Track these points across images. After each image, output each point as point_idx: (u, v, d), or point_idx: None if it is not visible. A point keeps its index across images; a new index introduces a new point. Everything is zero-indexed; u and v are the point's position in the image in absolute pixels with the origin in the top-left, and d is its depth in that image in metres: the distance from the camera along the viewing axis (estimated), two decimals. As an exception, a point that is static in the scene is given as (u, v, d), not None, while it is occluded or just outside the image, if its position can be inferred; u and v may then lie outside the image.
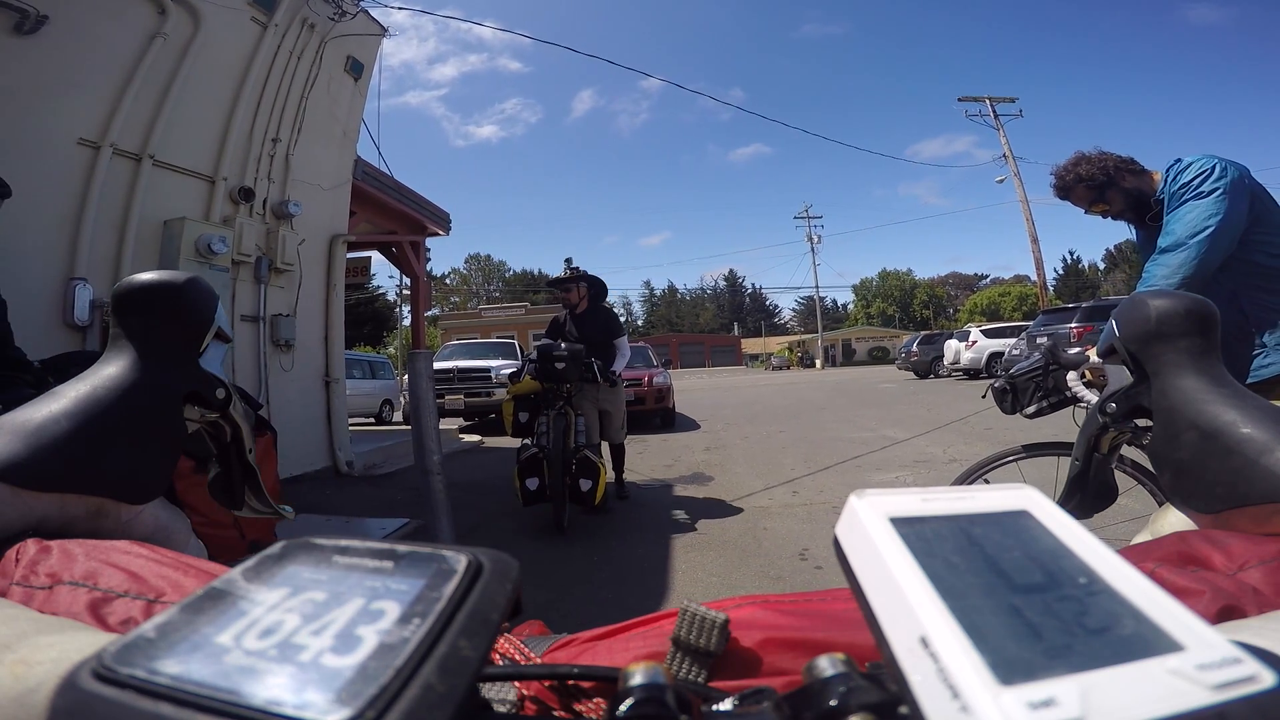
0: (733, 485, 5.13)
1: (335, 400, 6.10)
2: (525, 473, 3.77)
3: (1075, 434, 0.60)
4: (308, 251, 5.71)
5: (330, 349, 6.16)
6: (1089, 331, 11.39)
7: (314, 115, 5.78)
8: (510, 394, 4.22)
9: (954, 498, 0.24)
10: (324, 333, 6.13)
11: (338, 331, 6.23)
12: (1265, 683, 0.17)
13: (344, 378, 6.44)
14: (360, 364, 13.21)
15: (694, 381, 28.87)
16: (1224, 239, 1.83)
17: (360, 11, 6.21)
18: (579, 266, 4.60)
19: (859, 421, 8.97)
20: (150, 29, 4.38)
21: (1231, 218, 1.83)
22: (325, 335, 6.14)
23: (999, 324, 19.39)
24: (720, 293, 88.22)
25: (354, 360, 12.43)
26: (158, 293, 0.50)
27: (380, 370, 14.18)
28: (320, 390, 6.00)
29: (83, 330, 3.86)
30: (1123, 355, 0.53)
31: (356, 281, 9.44)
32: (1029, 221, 22.83)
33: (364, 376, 12.87)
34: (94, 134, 4.04)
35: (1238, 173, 1.88)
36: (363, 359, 14.22)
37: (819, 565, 3.14)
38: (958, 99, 26.09)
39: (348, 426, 6.45)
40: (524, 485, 3.76)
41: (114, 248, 4.15)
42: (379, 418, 13.09)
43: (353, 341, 22.74)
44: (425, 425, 3.30)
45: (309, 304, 5.79)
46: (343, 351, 6.38)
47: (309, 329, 5.83)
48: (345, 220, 6.42)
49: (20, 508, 0.39)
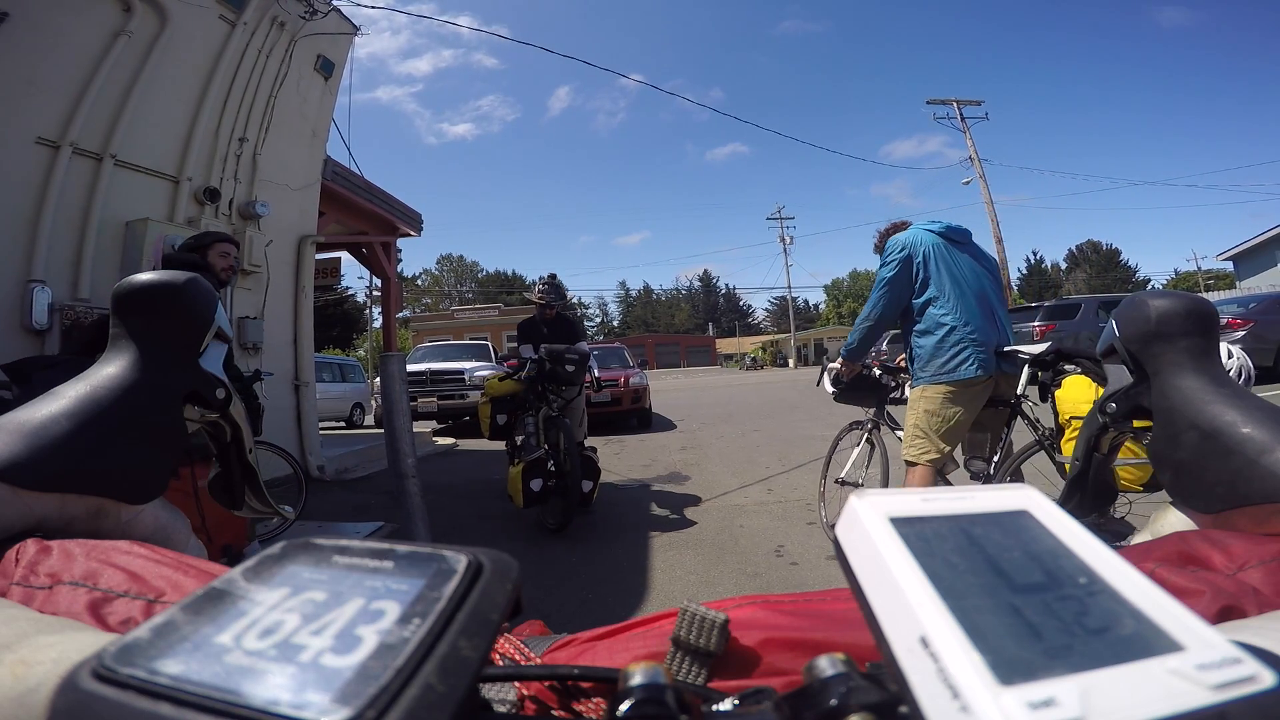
0: (709, 484, 5.16)
1: (305, 404, 6.01)
2: (530, 474, 3.69)
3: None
4: (276, 253, 5.61)
5: (299, 352, 6.05)
6: (1050, 330, 11.66)
7: (283, 114, 5.68)
8: (487, 396, 4.17)
9: (954, 498, 0.24)
10: (293, 335, 6.03)
11: (307, 334, 6.13)
12: (1265, 683, 0.17)
13: (314, 381, 6.35)
14: (330, 367, 13.03)
15: (670, 382, 28.93)
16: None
17: (332, 10, 6.12)
18: (559, 285, 4.79)
19: (832, 420, 9.02)
20: (115, 26, 4.28)
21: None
22: (294, 338, 6.04)
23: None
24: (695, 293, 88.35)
25: (324, 363, 12.24)
26: (158, 293, 0.49)
27: (351, 373, 13.99)
28: (290, 394, 5.89)
29: (41, 334, 3.74)
30: (1123, 355, 0.53)
31: (326, 283, 9.30)
32: (994, 222, 23.25)
33: (334, 380, 12.69)
34: (53, 133, 3.93)
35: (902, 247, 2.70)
36: (333, 362, 14.03)
37: (794, 562, 3.17)
38: (926, 101, 26.46)
39: (318, 431, 6.35)
40: (527, 486, 3.67)
41: (74, 249, 4.03)
42: (350, 422, 12.91)
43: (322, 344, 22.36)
44: (399, 428, 3.26)
45: (277, 306, 5.69)
46: (312, 354, 6.28)
47: (277, 332, 5.73)
48: (314, 221, 6.32)
49: (20, 508, 0.39)
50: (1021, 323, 12.40)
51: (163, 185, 4.70)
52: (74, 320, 3.82)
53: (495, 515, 4.40)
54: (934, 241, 2.68)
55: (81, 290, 4.01)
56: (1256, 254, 25.45)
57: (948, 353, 2.56)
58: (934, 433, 2.60)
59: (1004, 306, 2.72)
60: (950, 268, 2.63)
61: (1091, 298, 12.83)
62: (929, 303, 2.63)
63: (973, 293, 2.61)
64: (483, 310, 43.43)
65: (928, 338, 2.62)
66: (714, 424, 9.70)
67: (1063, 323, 11.84)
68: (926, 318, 2.63)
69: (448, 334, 34.51)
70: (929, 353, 2.61)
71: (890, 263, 2.69)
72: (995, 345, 2.58)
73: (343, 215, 7.66)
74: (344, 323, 30.52)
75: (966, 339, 2.54)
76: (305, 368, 6.08)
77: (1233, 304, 10.00)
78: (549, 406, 3.99)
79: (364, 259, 8.57)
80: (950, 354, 2.56)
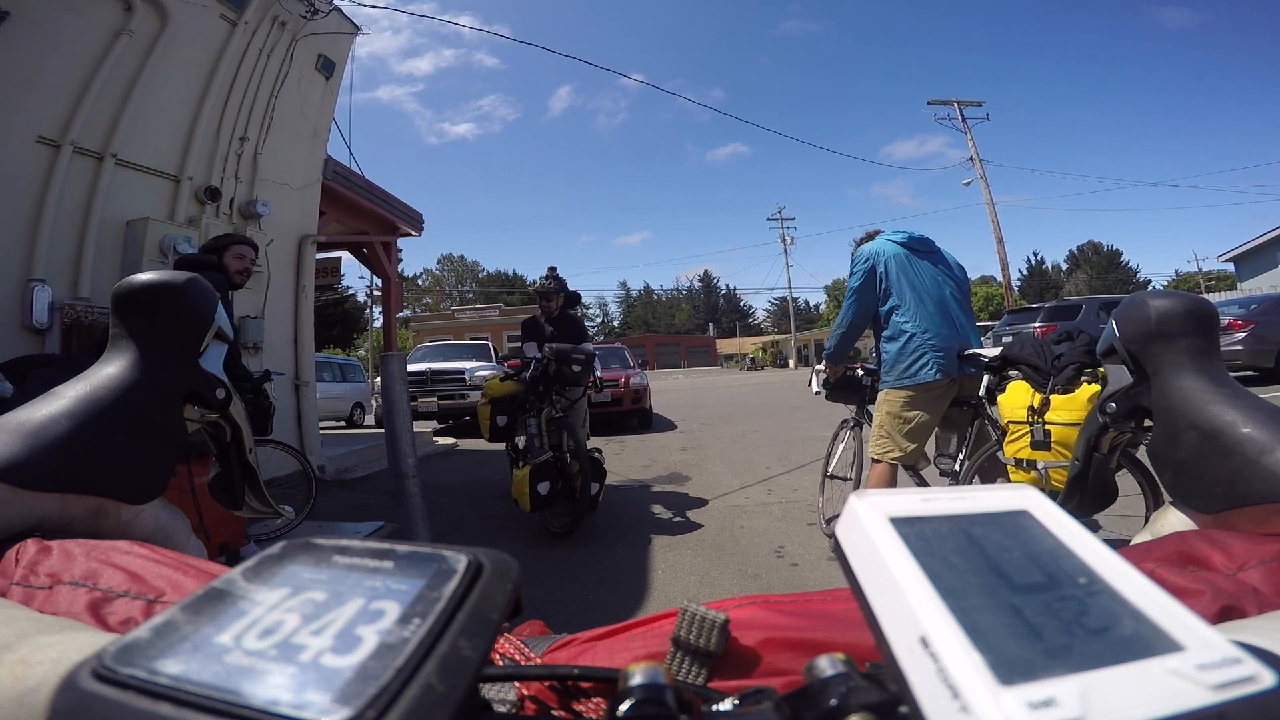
0: (710, 484, 5.16)
1: (306, 404, 6.00)
2: (537, 477, 3.59)
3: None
4: (276, 252, 5.60)
5: (300, 352, 6.05)
6: (1051, 330, 11.66)
7: (283, 114, 5.68)
8: (486, 397, 4.09)
9: (954, 498, 0.24)
10: (293, 335, 6.02)
11: (307, 334, 6.13)
12: (1265, 683, 0.17)
13: (314, 381, 6.34)
14: (330, 367, 13.01)
15: (670, 382, 28.92)
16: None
17: (333, 10, 6.12)
18: (560, 276, 4.69)
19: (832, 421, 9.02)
20: (116, 26, 4.27)
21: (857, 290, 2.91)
22: (295, 338, 6.03)
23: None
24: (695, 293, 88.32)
25: (324, 363, 12.23)
26: (158, 293, 0.49)
27: (351, 373, 13.97)
28: (290, 394, 5.88)
29: (42, 333, 3.74)
30: (1123, 355, 0.53)
31: (326, 283, 9.29)
32: (994, 223, 23.21)
33: (334, 379, 12.67)
34: (54, 132, 3.93)
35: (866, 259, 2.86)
36: (333, 361, 14.00)
37: (795, 563, 3.17)
38: (927, 102, 26.41)
39: (319, 430, 6.35)
40: (535, 490, 3.56)
41: (74, 249, 4.03)
42: (350, 421, 12.89)
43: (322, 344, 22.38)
44: (399, 428, 3.26)
45: (278, 306, 5.68)
46: (313, 354, 6.27)
47: (278, 331, 5.72)
48: (315, 220, 6.31)
49: (20, 508, 0.39)
50: (1022, 324, 12.41)
51: (163, 184, 4.70)
52: (74, 319, 3.82)
53: (496, 515, 4.40)
54: (896, 252, 2.83)
55: (82, 289, 4.01)
56: (1257, 255, 25.44)
57: (909, 358, 2.72)
58: (896, 433, 2.77)
59: (966, 311, 2.84)
60: (910, 277, 2.79)
61: (1092, 299, 12.82)
62: (892, 310, 2.79)
63: (933, 300, 2.75)
64: (483, 310, 43.51)
65: (892, 344, 2.79)
66: (714, 424, 9.70)
67: (1063, 324, 11.85)
68: (890, 325, 2.81)
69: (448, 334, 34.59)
70: (893, 358, 2.78)
71: (857, 273, 2.88)
72: (957, 349, 2.70)
73: (343, 215, 7.66)
74: (344, 322, 30.52)
75: (926, 345, 2.68)
76: (306, 367, 6.07)
77: (1234, 305, 9.96)
78: (553, 408, 3.94)
79: (364, 259, 8.57)
80: (911, 359, 2.71)
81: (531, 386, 3.93)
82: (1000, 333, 12.88)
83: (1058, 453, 2.23)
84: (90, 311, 3.90)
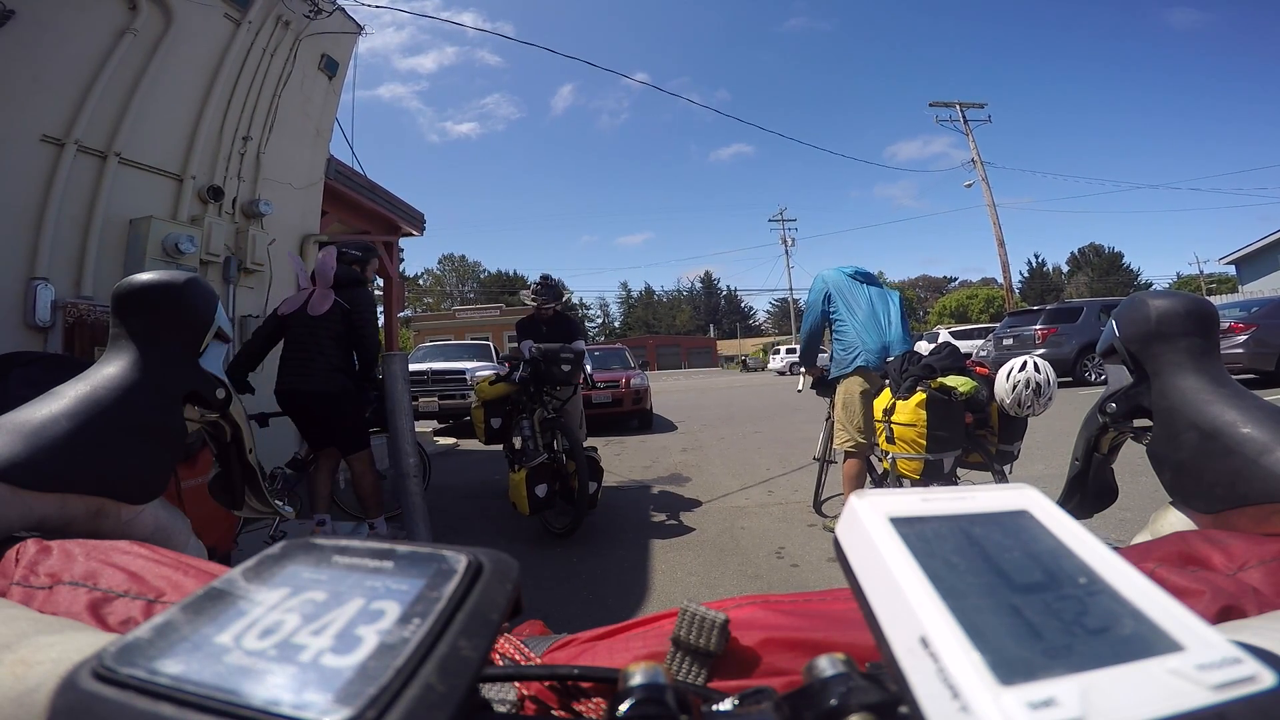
0: (710, 485, 5.16)
1: (307, 403, 5.97)
2: (534, 480, 3.57)
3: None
4: (278, 252, 5.61)
5: (302, 351, 6.02)
6: (1053, 333, 11.68)
7: (286, 113, 5.68)
8: (480, 400, 4.00)
9: (954, 498, 0.24)
10: (295, 335, 5.99)
11: (309, 333, 6.09)
12: (1265, 683, 0.17)
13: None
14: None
15: (671, 383, 28.90)
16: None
17: (336, 9, 6.13)
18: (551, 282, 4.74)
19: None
20: (120, 25, 4.27)
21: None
22: (296, 337, 6.00)
23: (967, 326, 19.68)
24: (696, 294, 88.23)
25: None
26: (158, 293, 0.50)
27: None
28: (291, 393, 5.86)
29: (44, 331, 3.75)
30: (1123, 355, 0.53)
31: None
32: (996, 225, 23.21)
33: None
34: (58, 131, 3.93)
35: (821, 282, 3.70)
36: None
37: (795, 564, 3.17)
38: (929, 104, 26.40)
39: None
40: (532, 493, 3.54)
41: (77, 247, 4.03)
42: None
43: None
44: (401, 428, 3.27)
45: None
46: (314, 353, 6.23)
47: (280, 331, 5.70)
48: (317, 220, 6.31)
49: (20, 508, 0.39)
50: (1023, 326, 12.43)
51: (166, 183, 4.70)
52: (76, 318, 3.82)
53: (496, 515, 4.40)
54: (841, 279, 3.63)
55: (84, 288, 4.01)
56: (1259, 258, 25.37)
57: (849, 355, 3.48)
58: (849, 423, 3.42)
59: (898, 325, 3.52)
60: (849, 299, 3.57)
61: (1093, 301, 12.82)
62: (839, 323, 3.56)
63: (868, 316, 3.50)
64: (484, 310, 43.46)
65: (838, 347, 3.59)
66: (715, 425, 9.69)
67: (1064, 326, 11.85)
68: (837, 332, 3.58)
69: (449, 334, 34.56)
70: (839, 357, 3.56)
71: (813, 291, 3.76)
72: (880, 351, 3.41)
73: (345, 214, 7.65)
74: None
75: (860, 347, 3.44)
76: (307, 367, 6.04)
77: (1235, 308, 9.93)
78: (544, 408, 3.90)
79: (366, 258, 8.55)
80: (850, 356, 3.48)
81: (522, 387, 3.88)
82: (1001, 334, 12.91)
83: (901, 445, 2.91)
84: (93, 310, 3.90)
